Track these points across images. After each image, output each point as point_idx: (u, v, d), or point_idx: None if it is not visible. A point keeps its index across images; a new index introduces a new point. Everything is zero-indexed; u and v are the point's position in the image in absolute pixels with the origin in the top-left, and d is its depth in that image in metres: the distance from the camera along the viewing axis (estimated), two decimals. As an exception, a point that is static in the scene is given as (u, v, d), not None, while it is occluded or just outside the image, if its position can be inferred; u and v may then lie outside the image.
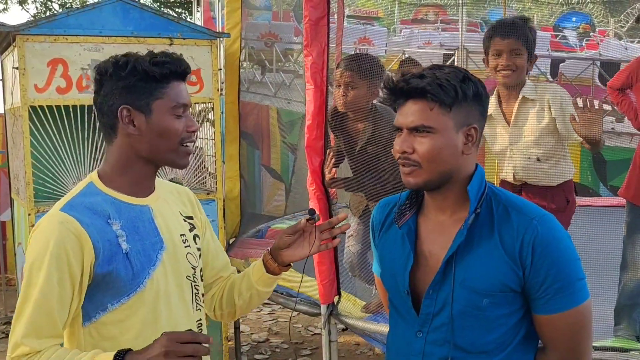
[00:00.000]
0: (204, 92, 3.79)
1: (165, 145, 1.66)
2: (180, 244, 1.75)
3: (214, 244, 1.94)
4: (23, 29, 3.40)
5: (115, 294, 1.63)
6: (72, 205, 1.64)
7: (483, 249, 1.56)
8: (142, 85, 1.63)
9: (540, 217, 1.56)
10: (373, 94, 3.28)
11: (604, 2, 17.99)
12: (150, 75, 1.63)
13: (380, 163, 3.29)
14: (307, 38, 2.79)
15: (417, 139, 1.56)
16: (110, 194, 1.68)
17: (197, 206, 1.91)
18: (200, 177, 4.02)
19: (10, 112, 4.19)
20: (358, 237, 3.46)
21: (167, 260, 1.71)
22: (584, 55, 13.32)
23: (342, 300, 3.16)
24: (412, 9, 19.97)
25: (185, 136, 1.68)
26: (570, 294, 1.54)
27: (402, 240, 1.68)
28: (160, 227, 1.72)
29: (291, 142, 7.34)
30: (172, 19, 3.82)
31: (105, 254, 1.61)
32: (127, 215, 1.67)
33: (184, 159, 1.71)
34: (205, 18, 12.02)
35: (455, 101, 1.55)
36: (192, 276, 1.77)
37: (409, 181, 1.59)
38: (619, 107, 3.50)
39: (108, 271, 1.61)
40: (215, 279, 1.94)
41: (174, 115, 1.66)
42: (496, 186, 1.69)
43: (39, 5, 16.93)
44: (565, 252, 1.55)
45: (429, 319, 1.60)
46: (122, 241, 1.64)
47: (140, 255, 1.66)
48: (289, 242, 1.83)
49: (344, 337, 4.92)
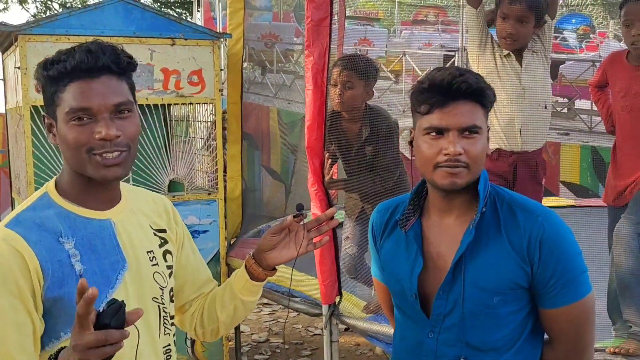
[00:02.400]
0: (205, 92, 3.79)
1: (73, 157, 1.44)
2: (147, 262, 1.55)
3: (194, 257, 1.74)
4: (25, 29, 3.40)
5: (68, 321, 1.35)
6: (20, 220, 1.43)
7: (491, 247, 1.59)
8: (47, 90, 1.44)
9: (545, 215, 1.60)
10: (368, 94, 3.30)
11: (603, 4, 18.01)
12: (50, 77, 1.42)
13: (379, 162, 3.30)
14: (308, 39, 2.79)
15: (466, 139, 1.56)
16: (66, 207, 1.48)
17: (174, 217, 1.69)
18: (200, 178, 4.03)
19: (12, 111, 4.20)
20: (354, 239, 3.46)
21: (130, 282, 1.50)
22: (584, 56, 13.35)
23: (343, 301, 3.17)
24: (412, 10, 19.98)
25: (95, 145, 1.41)
26: (576, 287, 1.58)
27: (406, 244, 1.68)
28: (123, 243, 1.51)
29: (291, 143, 7.34)
30: (174, 20, 3.83)
31: (55, 276, 1.40)
32: (83, 231, 1.47)
33: (99, 170, 1.43)
34: (205, 18, 12.04)
35: (491, 104, 1.61)
36: (159, 298, 1.56)
37: (455, 182, 1.56)
38: (597, 105, 3.43)
39: (59, 295, 1.40)
40: (196, 296, 1.73)
41: (73, 122, 1.41)
42: (499, 186, 1.71)
43: (39, 4, 16.92)
44: (570, 247, 1.59)
45: (440, 319, 1.62)
46: (75, 261, 1.43)
47: (97, 277, 1.44)
48: (274, 242, 1.65)
49: (344, 338, 4.92)
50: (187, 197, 3.81)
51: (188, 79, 3.74)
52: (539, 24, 2.90)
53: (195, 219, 3.82)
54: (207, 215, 3.85)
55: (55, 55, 1.44)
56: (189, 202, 3.80)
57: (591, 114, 9.59)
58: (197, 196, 3.83)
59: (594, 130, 9.37)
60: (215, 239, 3.89)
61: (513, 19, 2.83)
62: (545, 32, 2.97)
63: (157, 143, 3.85)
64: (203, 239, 3.83)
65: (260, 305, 5.98)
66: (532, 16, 2.84)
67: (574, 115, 10.62)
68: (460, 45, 7.87)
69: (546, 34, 2.97)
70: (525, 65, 2.94)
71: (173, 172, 3.89)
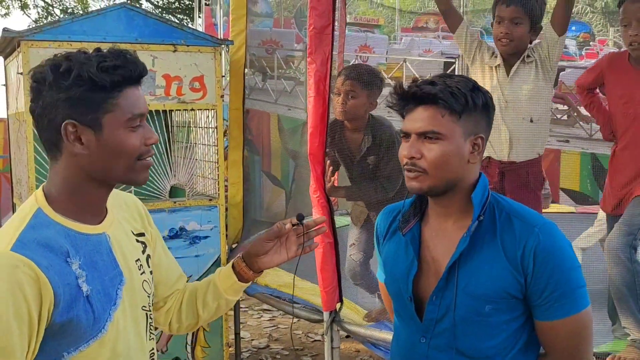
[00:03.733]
0: (207, 98, 3.80)
1: (121, 164, 1.43)
2: (137, 271, 1.54)
3: (166, 257, 1.73)
4: (27, 35, 3.41)
5: (72, 342, 1.39)
6: (25, 243, 1.34)
7: (485, 255, 1.58)
8: (89, 97, 1.37)
9: (542, 226, 1.57)
10: (371, 104, 3.30)
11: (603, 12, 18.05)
12: (99, 84, 1.37)
13: (381, 172, 3.30)
14: (311, 46, 2.80)
15: (426, 144, 1.57)
16: (64, 224, 1.42)
17: (147, 218, 1.67)
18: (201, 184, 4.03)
19: (14, 117, 4.21)
20: (360, 245, 3.47)
21: (126, 295, 1.49)
22: (584, 64, 13.37)
23: (344, 308, 3.17)
24: (412, 17, 20.02)
25: (144, 150, 1.45)
26: (571, 301, 1.55)
27: (405, 247, 1.69)
28: (118, 257, 1.49)
29: (292, 149, 7.36)
30: (176, 26, 3.84)
31: (65, 301, 1.35)
32: (85, 249, 1.42)
33: (143, 174, 1.47)
34: (206, 24, 12.07)
35: (465, 109, 1.57)
36: (147, 306, 1.57)
37: (413, 186, 1.60)
38: (589, 109, 3.29)
39: (68, 319, 1.37)
40: (170, 294, 1.74)
41: (130, 128, 1.42)
42: (500, 195, 1.70)
43: (40, 10, 16.97)
44: (566, 260, 1.56)
45: (432, 324, 1.62)
46: (82, 282, 1.39)
47: (101, 296, 1.42)
48: (268, 248, 1.70)
49: (344, 344, 4.92)
50: (189, 202, 3.81)
51: (190, 85, 3.75)
52: (534, 29, 2.92)
53: (197, 224, 3.82)
54: (208, 221, 3.85)
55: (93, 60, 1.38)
56: (190, 207, 3.81)
57: (591, 120, 9.60)
58: (198, 202, 3.84)
59: (593, 137, 9.38)
60: (217, 245, 3.89)
61: (508, 20, 2.86)
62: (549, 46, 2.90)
63: (158, 149, 3.86)
64: (204, 245, 3.83)
65: (260, 311, 5.98)
66: (527, 18, 2.86)
67: (574, 122, 10.64)
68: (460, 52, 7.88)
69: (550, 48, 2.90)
70: (512, 77, 2.92)
71: (174, 178, 3.90)
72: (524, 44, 2.91)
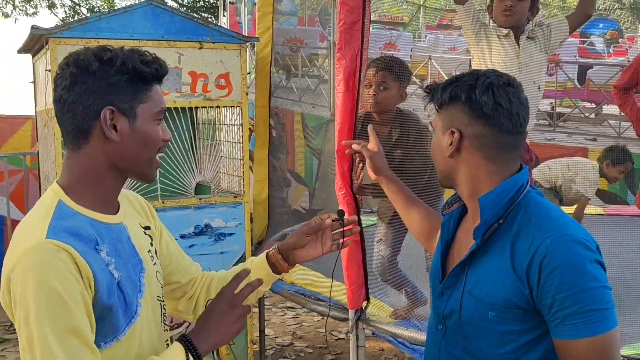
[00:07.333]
0: (232, 95, 3.80)
1: (145, 154, 1.48)
2: (150, 261, 1.57)
3: (174, 245, 1.77)
4: (56, 32, 3.44)
5: (108, 332, 1.40)
6: (57, 231, 1.35)
7: (495, 260, 1.53)
8: (127, 86, 1.44)
9: (557, 237, 1.44)
10: (401, 96, 3.27)
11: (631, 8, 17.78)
12: (140, 75, 1.44)
13: (407, 166, 3.27)
14: (340, 41, 2.77)
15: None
16: (86, 214, 1.43)
17: (151, 211, 1.71)
18: (226, 181, 4.04)
19: (41, 113, 4.25)
20: (387, 241, 3.43)
21: (147, 283, 1.53)
22: (612, 61, 13.17)
23: (370, 306, 3.14)
24: (437, 15, 19.89)
25: (162, 145, 1.52)
26: (584, 323, 1.40)
27: (441, 229, 1.72)
28: (136, 246, 1.54)
29: (316, 147, 7.35)
30: (202, 23, 3.84)
31: (105, 287, 1.38)
32: (109, 237, 1.45)
33: (155, 170, 1.54)
34: (231, 22, 12.10)
35: (442, 103, 1.61)
36: (161, 296, 1.61)
37: None
38: (622, 108, 3.35)
39: (109, 305, 1.39)
40: (189, 280, 1.78)
41: (157, 121, 1.50)
42: (541, 200, 1.57)
43: (67, 9, 17.15)
44: (578, 278, 1.41)
45: (441, 318, 1.64)
46: (112, 269, 1.42)
47: (129, 283, 1.46)
48: (306, 242, 1.76)
49: (368, 343, 4.89)
50: (214, 199, 3.82)
51: (215, 82, 3.75)
52: (533, 6, 3.29)
53: (222, 221, 3.83)
54: (233, 218, 3.86)
55: (138, 56, 1.46)
56: (215, 204, 3.82)
57: (620, 119, 9.46)
58: (223, 199, 3.84)
59: (622, 135, 9.24)
60: (241, 242, 3.89)
61: None
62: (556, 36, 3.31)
63: (184, 146, 3.87)
64: (229, 242, 3.84)
65: (284, 308, 5.98)
66: None
67: (602, 120, 10.49)
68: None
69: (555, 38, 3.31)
70: (522, 46, 3.28)
71: (200, 175, 3.90)
72: (523, 19, 3.29)
